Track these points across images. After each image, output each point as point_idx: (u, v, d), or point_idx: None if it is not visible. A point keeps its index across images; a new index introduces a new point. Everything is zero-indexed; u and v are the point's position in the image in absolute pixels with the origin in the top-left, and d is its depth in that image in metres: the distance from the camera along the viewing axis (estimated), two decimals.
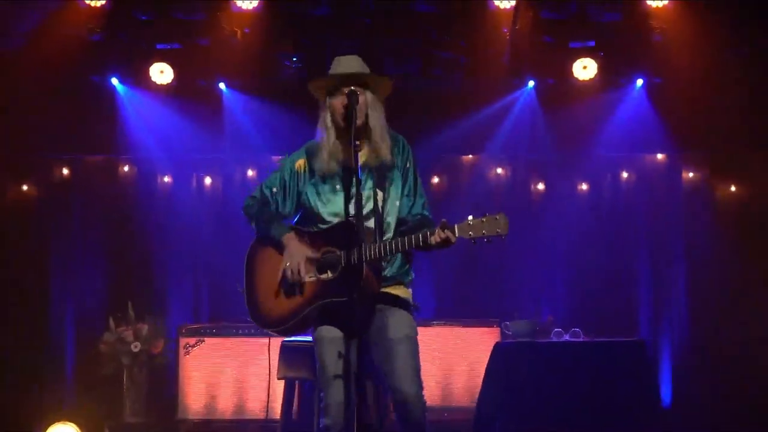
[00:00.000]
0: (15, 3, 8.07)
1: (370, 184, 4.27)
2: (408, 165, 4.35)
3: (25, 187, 9.41)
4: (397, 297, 4.30)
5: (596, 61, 8.24)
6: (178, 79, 8.44)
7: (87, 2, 8.07)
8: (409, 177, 4.35)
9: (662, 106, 8.60)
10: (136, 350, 8.13)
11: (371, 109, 4.27)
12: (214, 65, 8.43)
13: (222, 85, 8.76)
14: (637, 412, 6.45)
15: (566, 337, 7.38)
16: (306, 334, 4.48)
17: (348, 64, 4.36)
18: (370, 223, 4.25)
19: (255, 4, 8.05)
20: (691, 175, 9.34)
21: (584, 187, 9.43)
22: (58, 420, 6.74)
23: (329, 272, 4.18)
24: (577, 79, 8.30)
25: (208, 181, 9.49)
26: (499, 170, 9.46)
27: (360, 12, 8.09)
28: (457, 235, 4.00)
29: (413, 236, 4.07)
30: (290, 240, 4.28)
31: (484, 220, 3.99)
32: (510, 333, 7.38)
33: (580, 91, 8.41)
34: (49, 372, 8.36)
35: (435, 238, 3.99)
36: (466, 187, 9.48)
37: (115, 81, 8.70)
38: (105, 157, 9.39)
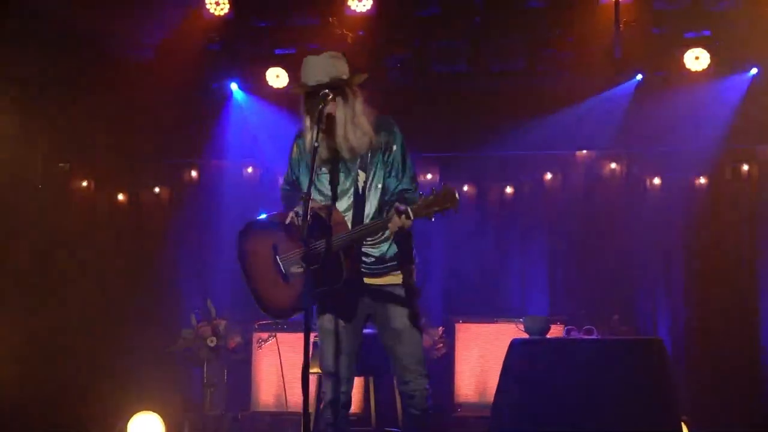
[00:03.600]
0: (146, 16, 8.54)
1: (351, 174, 4.35)
2: (393, 147, 4.36)
3: (157, 190, 9.95)
4: (394, 285, 4.39)
5: (709, 51, 8.11)
6: (293, 83, 8.69)
7: (211, 12, 8.45)
8: (395, 158, 4.37)
9: None
10: (212, 345, 8.40)
11: (338, 110, 4.28)
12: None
13: None
14: (653, 411, 6.25)
15: (579, 335, 7.29)
16: None
17: (314, 69, 4.31)
18: (350, 213, 4.34)
19: (368, 6, 8.27)
20: None
21: (702, 181, 9.28)
22: (142, 410, 7.11)
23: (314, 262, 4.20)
24: (689, 70, 8.18)
25: None
26: (614, 165, 9.43)
27: (470, 10, 8.23)
28: (412, 218, 4.03)
29: (371, 223, 4.21)
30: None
31: (431, 197, 4.02)
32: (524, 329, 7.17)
33: (692, 83, 8.29)
34: (134, 363, 8.63)
35: (392, 226, 4.06)
36: (580, 183, 9.49)
37: (234, 86, 9.02)
38: (229, 161, 9.78)
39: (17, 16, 7.90)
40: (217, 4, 8.36)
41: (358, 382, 7.18)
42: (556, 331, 7.35)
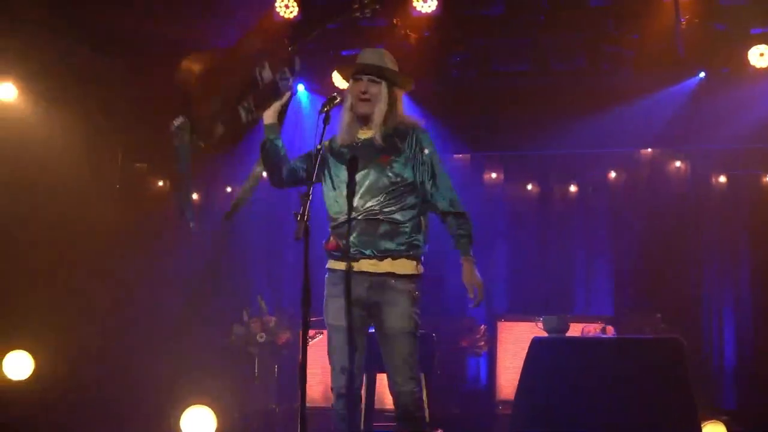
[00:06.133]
0: (219, 20, 8.79)
1: (366, 160, 4.44)
2: (425, 151, 4.46)
3: (228, 189, 10.25)
4: (397, 277, 4.41)
5: None
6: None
7: (281, 15, 8.64)
8: (424, 163, 4.46)
9: None
10: (261, 341, 8.58)
11: (380, 100, 4.46)
12: None
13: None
14: (670, 410, 6.21)
15: (597, 334, 7.29)
16: None
17: (371, 56, 4.54)
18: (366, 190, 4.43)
19: (434, 7, 8.32)
20: None
21: None
22: (195, 403, 7.29)
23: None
24: (753, 66, 8.09)
25: None
26: (678, 163, 9.43)
27: (534, 9, 8.27)
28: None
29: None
30: None
31: None
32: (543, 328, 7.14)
33: (757, 79, 8.19)
34: (193, 357, 8.80)
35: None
36: (645, 181, 9.52)
37: (301, 87, 9.22)
38: None
39: (101, 23, 8.18)
40: (287, 7, 8.57)
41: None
42: (575, 330, 7.36)
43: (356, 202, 4.42)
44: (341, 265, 4.44)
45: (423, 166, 4.46)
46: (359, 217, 4.41)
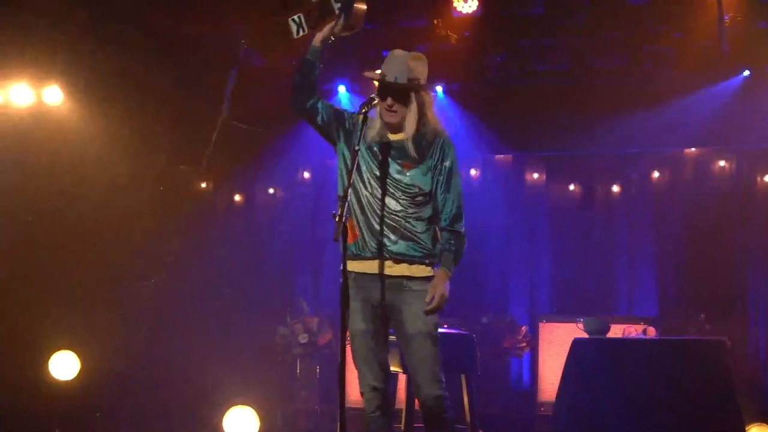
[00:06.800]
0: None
1: (393, 160, 4.43)
2: (446, 163, 4.46)
3: (271, 191, 10.33)
4: (416, 279, 4.40)
5: None
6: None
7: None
8: (442, 173, 4.45)
9: None
10: (303, 342, 8.64)
11: (409, 110, 4.41)
12: (430, 70, 8.70)
13: (439, 89, 9.14)
14: (713, 411, 6.16)
15: (638, 335, 7.20)
16: None
17: (394, 68, 4.46)
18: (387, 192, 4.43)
19: (474, 8, 8.28)
20: None
21: None
22: (238, 403, 7.30)
23: None
24: None
25: None
26: (722, 162, 9.34)
27: (574, 8, 8.24)
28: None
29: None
30: None
31: None
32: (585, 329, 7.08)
33: None
34: (231, 358, 8.81)
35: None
36: (689, 181, 9.46)
37: (342, 89, 9.25)
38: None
39: (153, 35, 8.27)
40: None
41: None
42: (616, 331, 7.33)
43: (383, 201, 4.44)
44: (356, 267, 4.45)
45: (440, 176, 4.47)
46: (385, 220, 4.43)
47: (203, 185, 10.30)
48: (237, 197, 10.42)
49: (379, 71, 4.51)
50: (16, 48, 8.06)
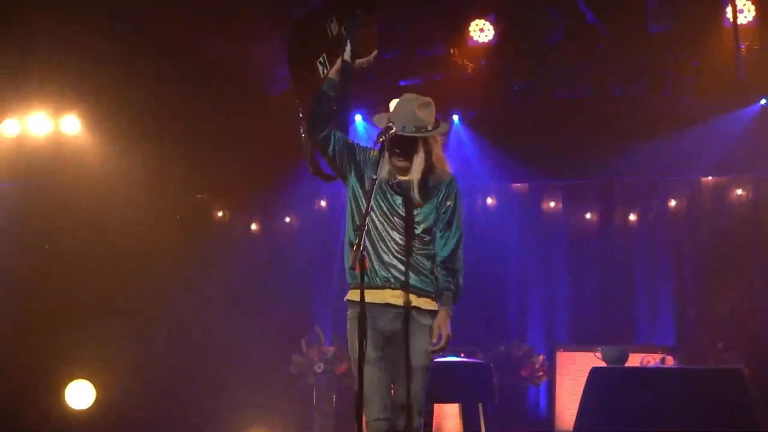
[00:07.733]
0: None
1: (402, 199, 4.47)
2: (448, 202, 4.52)
3: (287, 219, 10.35)
4: (424, 312, 4.44)
5: None
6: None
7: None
8: (445, 212, 4.51)
9: None
10: (319, 371, 8.65)
11: (417, 155, 4.46)
12: (447, 98, 8.67)
13: (455, 117, 9.17)
14: None
15: (656, 364, 7.16)
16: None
17: (403, 118, 4.44)
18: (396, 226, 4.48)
19: (490, 37, 8.36)
20: None
21: None
22: (256, 428, 7.30)
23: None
24: None
25: None
26: (740, 191, 9.30)
27: (592, 36, 8.22)
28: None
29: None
30: None
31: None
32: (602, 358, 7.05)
33: None
34: (247, 387, 8.90)
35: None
36: (706, 209, 9.40)
37: (358, 118, 9.26)
38: None
39: (164, 54, 8.32)
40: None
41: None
42: (634, 360, 7.28)
43: (392, 235, 4.50)
44: (365, 296, 4.38)
45: (444, 214, 4.54)
46: (394, 252, 4.48)
47: (220, 214, 10.33)
48: (254, 226, 10.43)
49: (387, 116, 4.52)
50: (35, 78, 8.12)
